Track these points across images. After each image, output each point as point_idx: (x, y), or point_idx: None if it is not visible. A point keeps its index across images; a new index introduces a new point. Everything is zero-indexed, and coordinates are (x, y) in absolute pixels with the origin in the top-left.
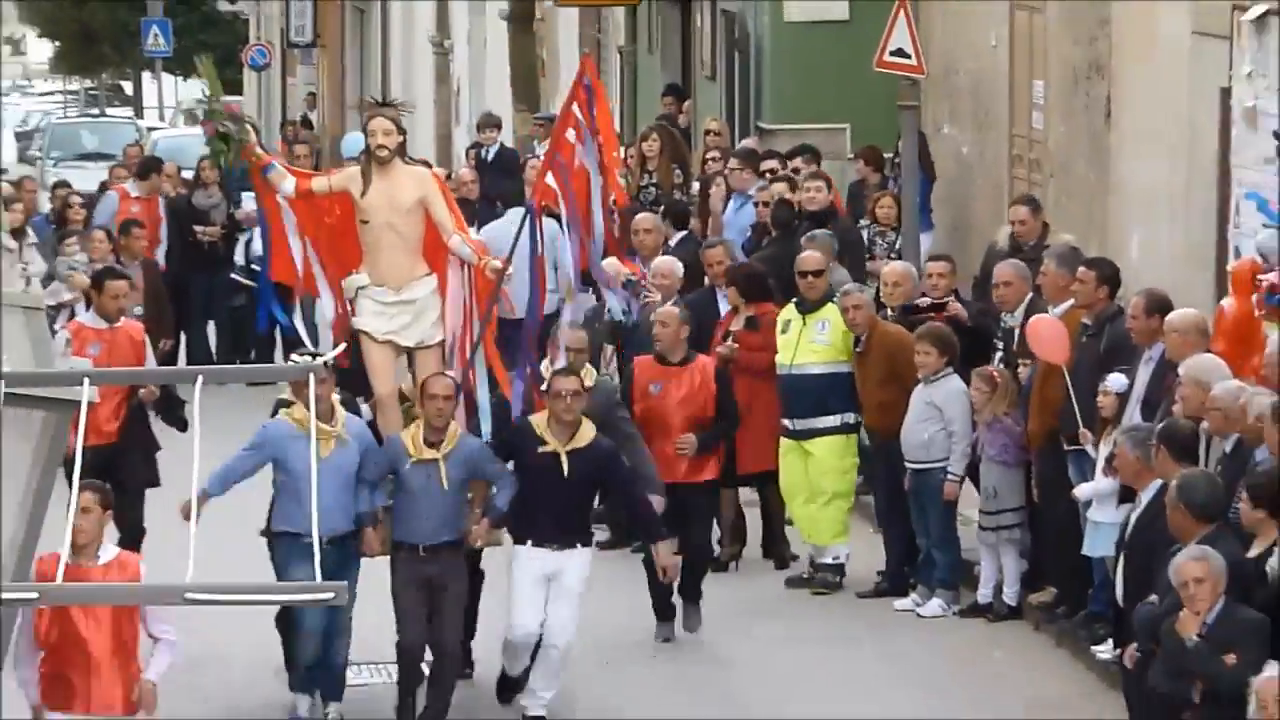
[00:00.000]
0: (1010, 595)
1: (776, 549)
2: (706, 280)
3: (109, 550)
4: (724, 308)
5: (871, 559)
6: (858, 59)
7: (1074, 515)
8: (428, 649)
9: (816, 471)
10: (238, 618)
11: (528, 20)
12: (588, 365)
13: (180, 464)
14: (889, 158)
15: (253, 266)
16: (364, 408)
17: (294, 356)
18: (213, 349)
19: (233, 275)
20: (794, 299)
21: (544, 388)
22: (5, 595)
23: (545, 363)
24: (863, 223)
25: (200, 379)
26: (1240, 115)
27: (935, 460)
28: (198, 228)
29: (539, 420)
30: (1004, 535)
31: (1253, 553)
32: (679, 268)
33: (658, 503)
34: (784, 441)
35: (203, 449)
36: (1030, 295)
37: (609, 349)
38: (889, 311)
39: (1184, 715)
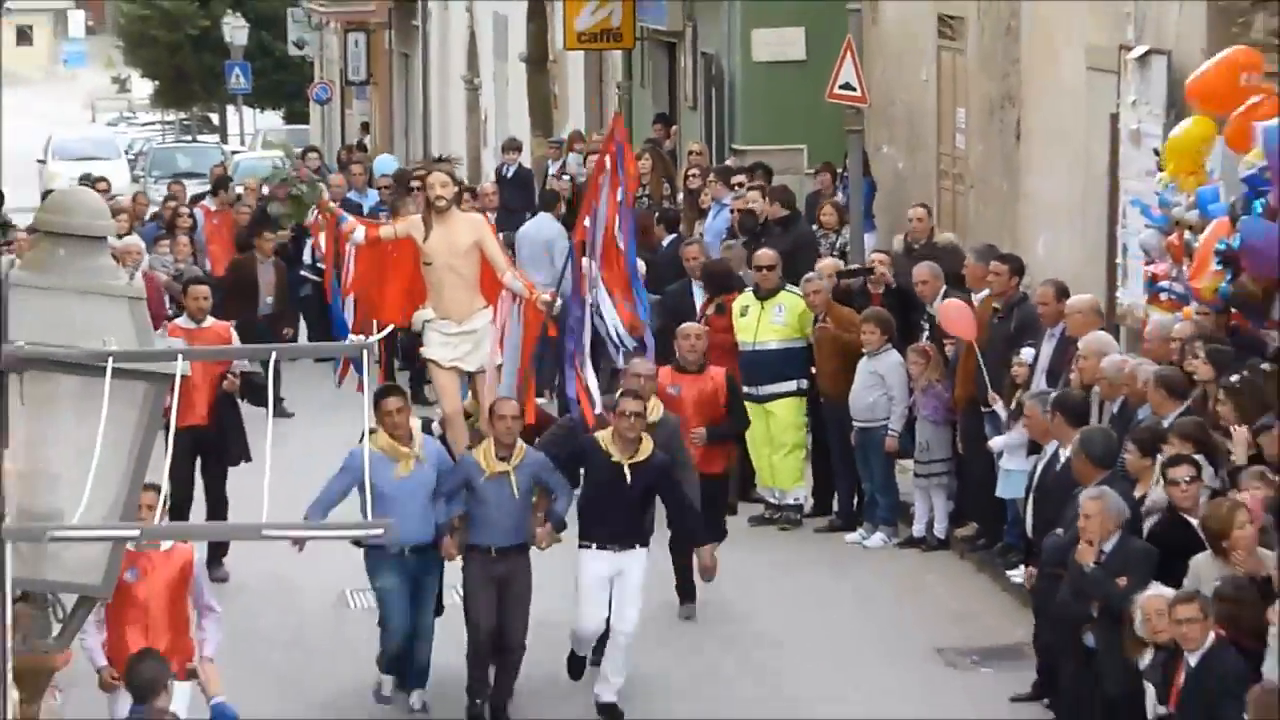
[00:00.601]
0: (940, 530)
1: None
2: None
3: (167, 542)
4: (699, 296)
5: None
6: (813, 92)
7: (991, 464)
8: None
9: (777, 428)
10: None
11: (542, 61)
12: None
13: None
14: (840, 173)
15: (318, 265)
16: (434, 425)
17: (351, 338)
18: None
19: (301, 271)
20: (752, 288)
21: (600, 409)
22: (112, 532)
23: (591, 378)
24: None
25: (274, 355)
26: (1126, 136)
27: (878, 420)
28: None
29: (605, 436)
30: (935, 481)
31: (1138, 494)
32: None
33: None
34: (749, 405)
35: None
36: (944, 288)
37: None
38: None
39: (1083, 629)
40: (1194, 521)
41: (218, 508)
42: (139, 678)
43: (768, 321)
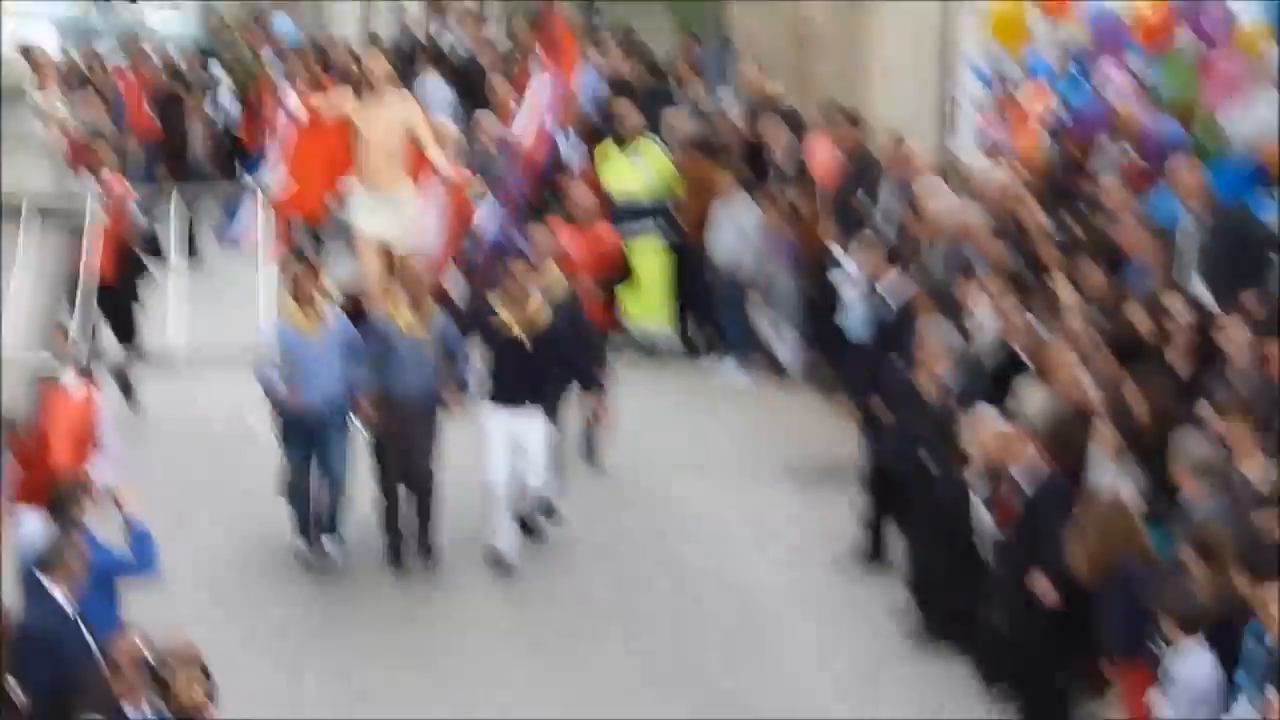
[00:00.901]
0: (789, 360)
1: None
2: None
3: (74, 382)
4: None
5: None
6: None
7: (835, 299)
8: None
9: (640, 268)
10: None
11: None
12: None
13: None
14: (698, 34)
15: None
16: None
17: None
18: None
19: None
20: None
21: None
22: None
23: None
24: None
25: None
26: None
27: (734, 260)
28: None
29: (498, 301)
30: (784, 316)
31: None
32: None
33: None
34: None
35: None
36: (788, 138)
37: None
38: None
39: (919, 451)
40: (1021, 352)
41: (127, 336)
42: (59, 495)
43: (629, 169)
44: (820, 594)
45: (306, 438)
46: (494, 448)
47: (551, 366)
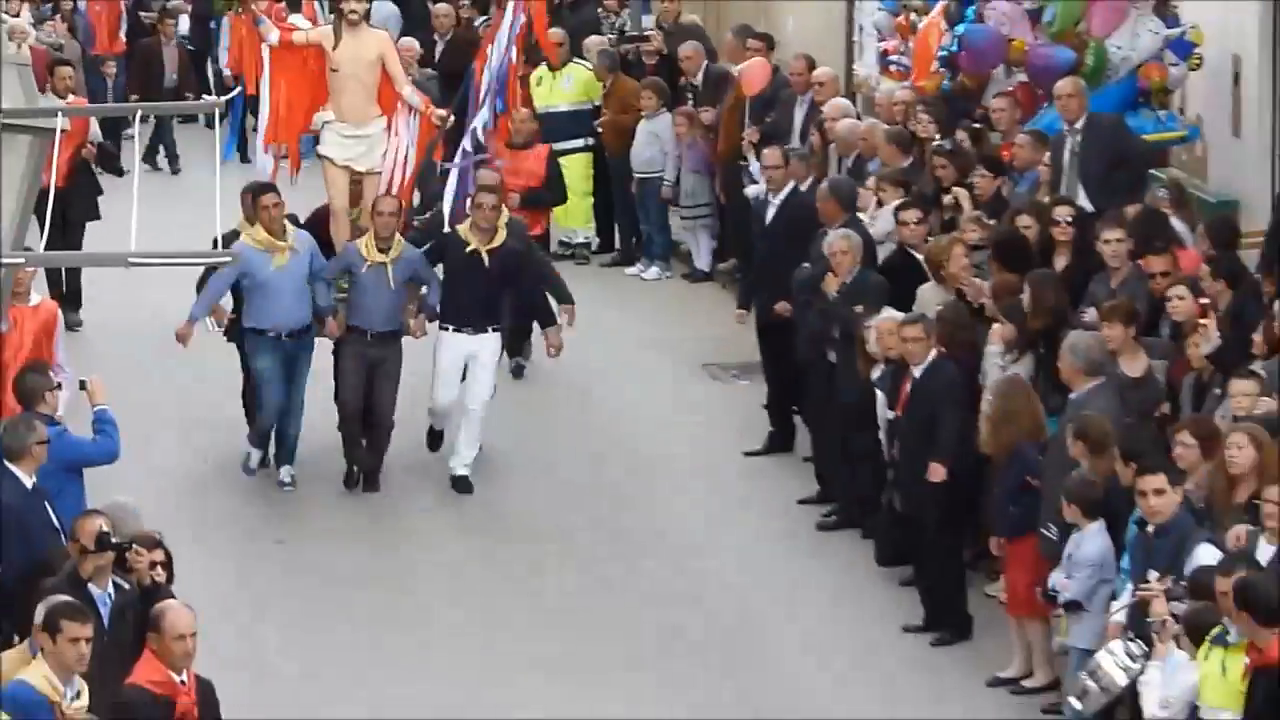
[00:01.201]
0: (704, 264)
1: None
2: None
3: (35, 298)
4: None
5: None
6: None
7: (747, 207)
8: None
9: (569, 178)
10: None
11: None
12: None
13: (120, 202)
14: None
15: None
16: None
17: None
18: None
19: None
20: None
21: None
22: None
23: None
24: None
25: (139, 112)
26: None
27: (654, 171)
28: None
29: (463, 228)
30: (700, 223)
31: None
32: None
33: (569, 312)
34: None
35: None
36: (705, 62)
37: None
38: None
39: (824, 348)
40: (919, 256)
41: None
42: (24, 385)
43: (559, 88)
44: (730, 482)
45: (274, 358)
46: (445, 374)
47: (507, 291)
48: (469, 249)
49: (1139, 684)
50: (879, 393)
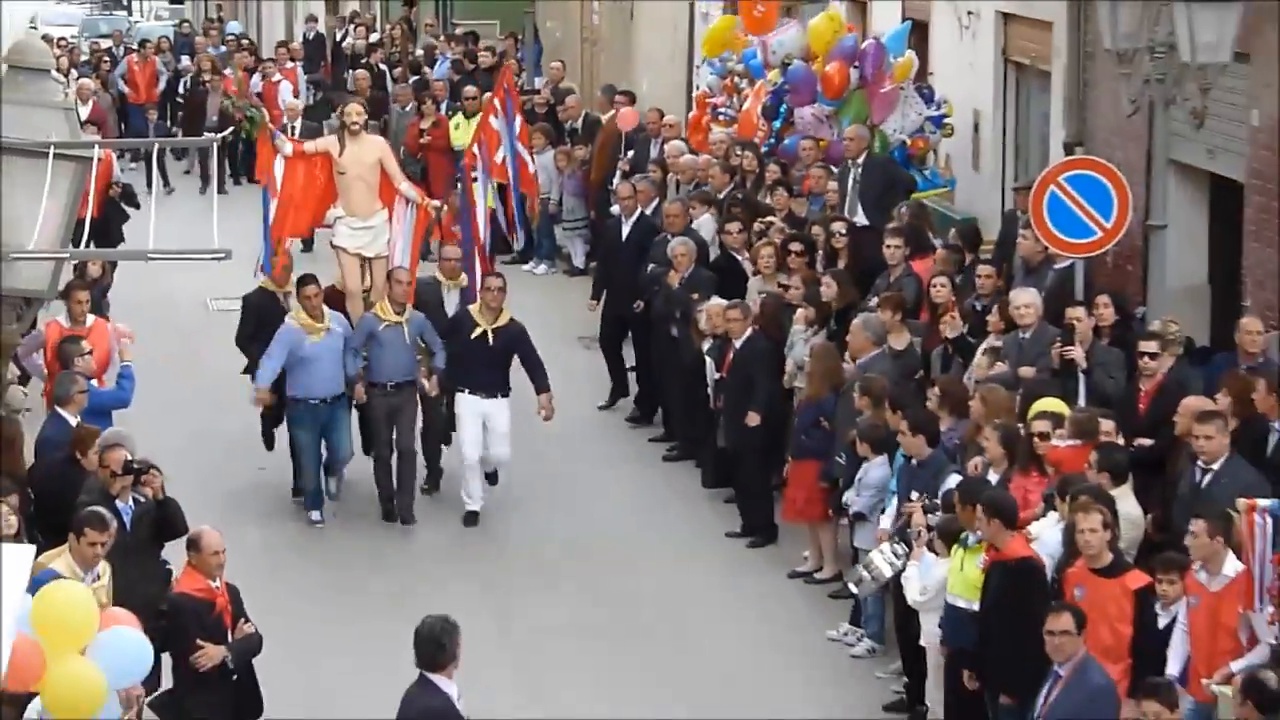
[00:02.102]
0: (580, 263)
1: None
2: None
3: (90, 320)
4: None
5: None
6: None
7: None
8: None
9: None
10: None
11: None
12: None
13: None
14: (519, 37)
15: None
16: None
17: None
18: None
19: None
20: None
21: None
22: (51, 254)
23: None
24: None
25: (156, 146)
26: (699, 16)
27: (544, 194)
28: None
29: (474, 309)
30: (577, 233)
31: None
32: None
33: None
34: None
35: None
36: (585, 111)
37: None
38: None
39: (668, 326)
40: (740, 257)
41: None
42: (63, 352)
43: (467, 131)
44: (594, 429)
45: (315, 422)
46: (467, 427)
47: (508, 363)
48: (478, 328)
49: (903, 578)
50: (709, 359)
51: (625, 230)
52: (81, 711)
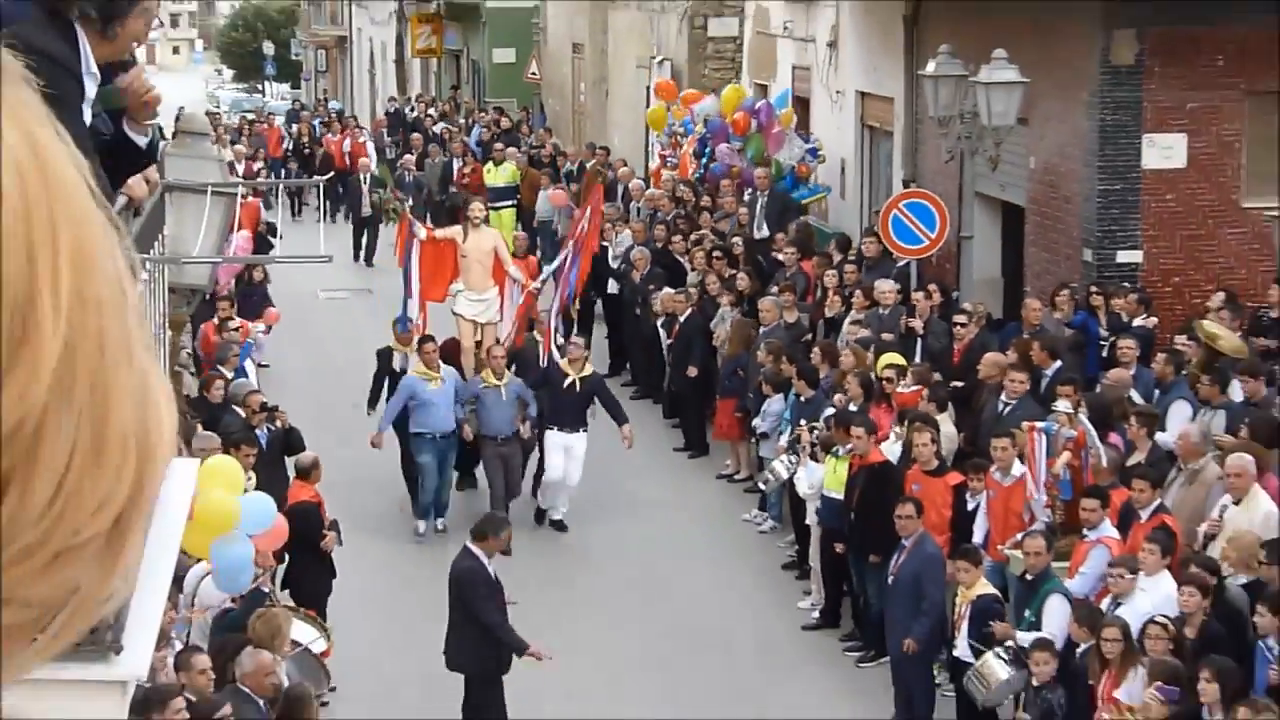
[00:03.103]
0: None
1: None
2: None
3: (238, 321)
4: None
5: None
6: (520, 74)
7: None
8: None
9: (504, 223)
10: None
11: (401, 61)
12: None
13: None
14: (529, 111)
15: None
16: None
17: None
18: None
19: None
20: (494, 160)
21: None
22: (209, 259)
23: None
24: None
25: (283, 185)
26: (652, 98)
27: (547, 219)
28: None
29: (563, 362)
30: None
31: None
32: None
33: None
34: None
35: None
36: (580, 161)
37: None
38: None
39: (635, 309)
40: (683, 260)
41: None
42: (220, 343)
43: (499, 174)
44: None
45: (434, 451)
46: (555, 455)
47: (588, 405)
48: (568, 378)
49: (795, 478)
50: (662, 331)
51: (611, 253)
52: (220, 524)
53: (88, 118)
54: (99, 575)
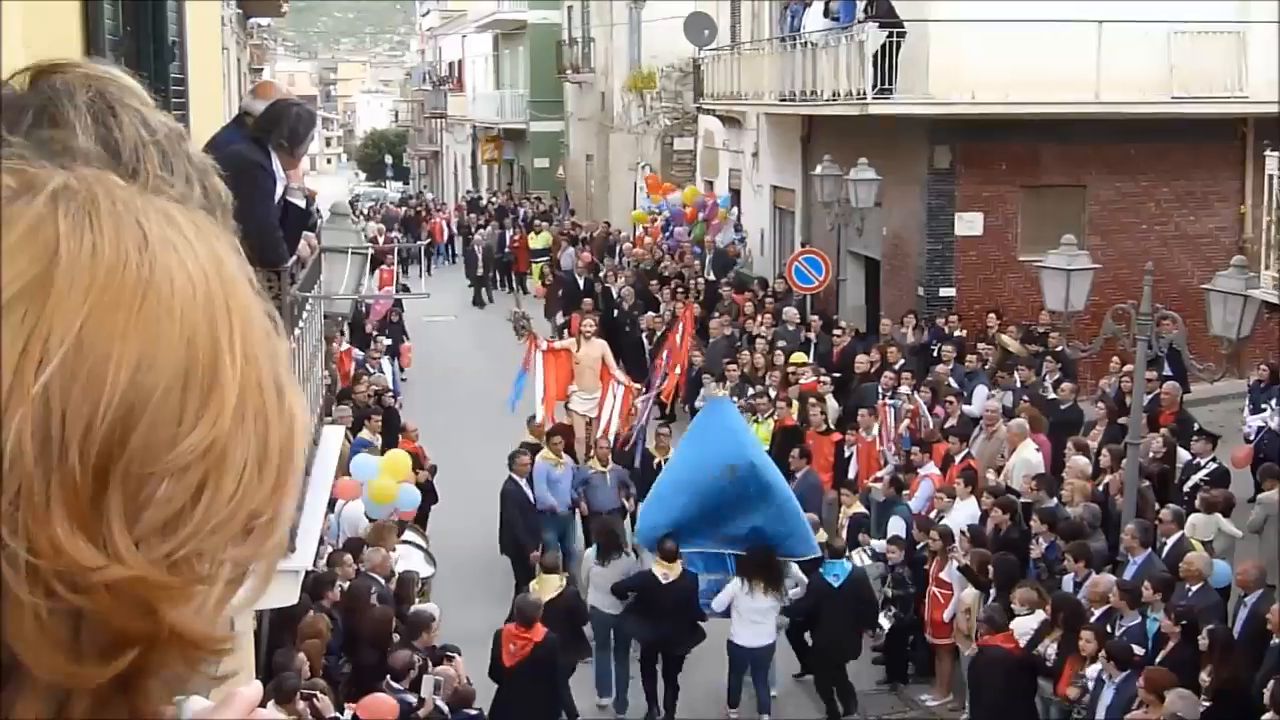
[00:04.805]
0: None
1: None
2: None
3: (344, 344)
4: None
5: None
6: (554, 172)
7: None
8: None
9: (538, 269)
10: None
11: (473, 166)
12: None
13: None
14: (557, 197)
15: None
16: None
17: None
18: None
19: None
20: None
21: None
22: (349, 298)
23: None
24: None
25: (397, 247)
26: (645, 181)
27: (567, 270)
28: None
29: (652, 448)
30: None
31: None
32: None
33: None
34: None
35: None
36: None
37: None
38: None
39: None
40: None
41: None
42: (356, 368)
43: (538, 240)
44: None
45: (556, 524)
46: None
47: None
48: (656, 459)
49: None
50: (645, 340)
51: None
52: (387, 495)
53: (277, 197)
54: (272, 536)
